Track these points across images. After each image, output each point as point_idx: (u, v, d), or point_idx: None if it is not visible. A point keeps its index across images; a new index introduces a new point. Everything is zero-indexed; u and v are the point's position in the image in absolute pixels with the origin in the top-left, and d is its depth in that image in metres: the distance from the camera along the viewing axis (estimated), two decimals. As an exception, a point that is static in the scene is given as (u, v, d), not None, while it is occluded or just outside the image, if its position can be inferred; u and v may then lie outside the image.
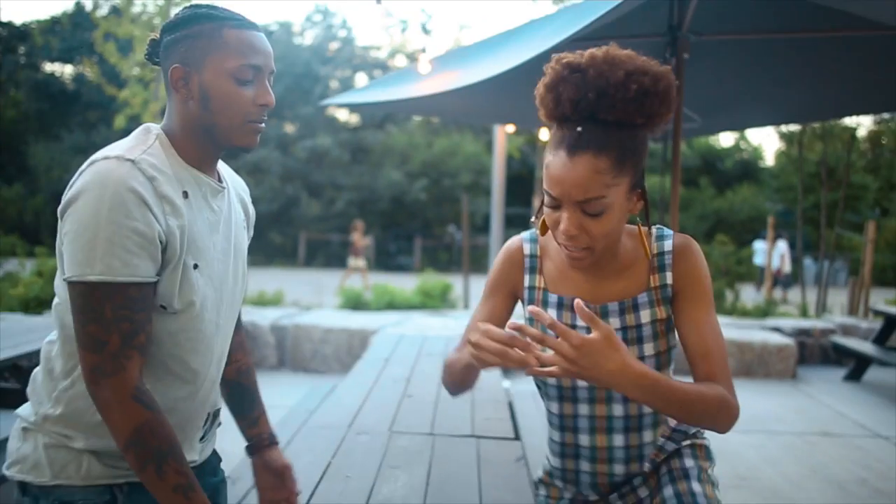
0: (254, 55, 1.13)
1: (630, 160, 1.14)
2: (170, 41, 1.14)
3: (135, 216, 1.01)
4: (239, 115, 1.13)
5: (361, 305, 7.85)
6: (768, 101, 3.81)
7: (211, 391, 1.25)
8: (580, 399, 1.32)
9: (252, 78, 1.13)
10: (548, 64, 1.17)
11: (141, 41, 9.81)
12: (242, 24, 1.13)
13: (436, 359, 3.55)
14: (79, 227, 1.01)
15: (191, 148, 1.15)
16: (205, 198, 1.16)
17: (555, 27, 2.93)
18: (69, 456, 1.10)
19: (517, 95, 4.07)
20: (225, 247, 1.20)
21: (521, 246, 1.35)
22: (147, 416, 1.04)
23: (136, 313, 1.04)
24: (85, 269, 1.00)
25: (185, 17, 1.14)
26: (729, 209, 23.91)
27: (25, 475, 1.11)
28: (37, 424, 1.11)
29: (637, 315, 1.27)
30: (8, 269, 8.00)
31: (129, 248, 1.01)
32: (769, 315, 8.18)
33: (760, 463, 4.11)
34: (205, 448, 1.30)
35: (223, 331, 1.24)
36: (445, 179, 24.59)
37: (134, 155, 1.05)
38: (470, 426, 2.44)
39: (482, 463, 2.07)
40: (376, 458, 2.05)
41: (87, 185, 1.02)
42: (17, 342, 3.64)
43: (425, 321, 6.60)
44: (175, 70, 1.12)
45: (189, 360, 1.15)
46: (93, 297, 1.01)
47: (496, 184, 5.48)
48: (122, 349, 1.03)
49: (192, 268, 1.11)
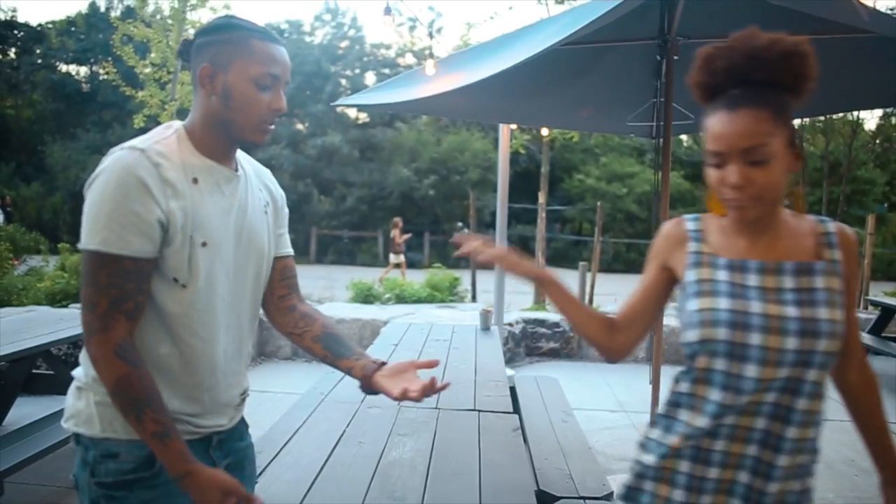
0: (274, 65, 1.29)
1: (784, 117, 1.21)
2: (202, 43, 1.29)
3: (133, 198, 1.17)
4: (254, 115, 1.29)
5: (372, 298, 8.07)
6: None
7: (231, 363, 1.37)
8: (761, 413, 1.23)
9: (270, 85, 1.29)
10: (698, 53, 1.29)
11: (157, 43, 10.07)
12: (268, 37, 1.29)
13: (442, 344, 3.77)
14: (90, 204, 1.18)
15: (208, 139, 1.30)
16: (217, 184, 1.30)
17: (554, 30, 3.11)
18: (115, 413, 1.23)
19: (519, 95, 4.26)
20: (239, 231, 1.36)
21: (682, 222, 1.40)
22: (127, 370, 1.18)
23: (127, 283, 1.19)
24: (88, 239, 1.18)
25: (220, 24, 1.30)
26: (738, 204, 23.87)
27: (79, 428, 1.28)
28: (88, 385, 1.28)
29: (812, 279, 1.25)
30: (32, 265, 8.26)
31: (125, 225, 1.17)
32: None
33: (754, 445, 4.29)
34: (234, 416, 1.44)
35: (235, 305, 1.37)
36: (454, 176, 24.77)
37: (145, 145, 1.23)
38: (472, 402, 2.65)
39: (482, 432, 2.28)
40: (386, 427, 2.26)
41: (102, 170, 1.20)
42: (50, 330, 3.88)
43: (434, 312, 6.81)
44: (204, 69, 1.27)
45: (199, 329, 1.29)
46: (92, 263, 1.18)
47: (501, 180, 5.67)
48: (110, 311, 1.18)
49: (201, 245, 1.25)
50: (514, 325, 6.60)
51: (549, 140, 10.93)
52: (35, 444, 3.08)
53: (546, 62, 3.58)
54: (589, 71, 3.99)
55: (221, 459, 1.39)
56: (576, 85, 4.20)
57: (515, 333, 6.59)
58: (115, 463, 1.25)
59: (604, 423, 4.68)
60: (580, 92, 4.30)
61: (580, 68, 3.92)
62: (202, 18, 10.55)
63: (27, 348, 3.46)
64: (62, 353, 5.08)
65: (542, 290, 1.40)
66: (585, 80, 4.12)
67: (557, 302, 1.42)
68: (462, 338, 4.01)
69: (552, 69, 3.77)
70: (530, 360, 6.65)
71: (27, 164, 25.12)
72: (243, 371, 1.45)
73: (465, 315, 6.60)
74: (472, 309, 7.36)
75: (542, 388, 4.01)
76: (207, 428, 1.35)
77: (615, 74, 4.09)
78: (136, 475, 1.25)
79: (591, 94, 4.37)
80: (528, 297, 11.06)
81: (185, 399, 1.31)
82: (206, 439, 1.36)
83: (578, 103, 4.57)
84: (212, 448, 1.37)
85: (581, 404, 4.89)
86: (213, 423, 1.36)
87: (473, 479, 1.93)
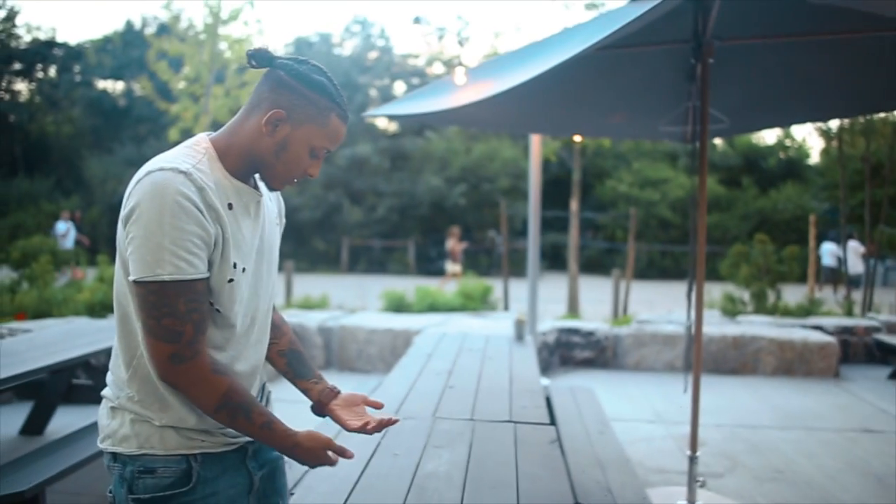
0: (334, 144, 1.33)
1: None
2: (288, 82, 1.26)
3: (192, 220, 1.16)
4: (292, 172, 1.32)
5: (404, 308, 8.07)
6: (798, 98, 3.87)
7: (257, 372, 1.40)
8: None
9: (319, 156, 1.33)
10: None
11: (190, 58, 10.26)
12: (344, 118, 1.32)
13: (475, 354, 3.73)
14: (145, 233, 1.14)
15: (240, 165, 1.29)
16: (246, 207, 1.30)
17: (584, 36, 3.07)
18: (151, 429, 1.25)
19: (549, 104, 4.23)
20: (261, 247, 1.37)
21: None
22: (228, 380, 1.23)
23: (202, 304, 1.21)
24: (157, 269, 1.14)
25: (313, 80, 1.27)
26: (773, 209, 23.43)
27: (116, 447, 1.28)
28: (121, 404, 1.29)
29: None
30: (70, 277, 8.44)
31: (191, 249, 1.16)
32: (812, 314, 8.12)
33: (797, 457, 4.17)
34: None
35: (262, 320, 1.40)
36: (484, 184, 24.74)
37: (186, 167, 1.21)
38: (508, 413, 2.61)
39: (519, 444, 2.24)
40: (421, 439, 2.24)
41: (146, 195, 1.15)
42: (88, 341, 3.95)
43: (466, 322, 6.78)
44: (277, 113, 1.25)
45: (231, 350, 1.31)
46: (166, 294, 1.15)
47: (533, 188, 5.62)
48: (196, 335, 1.19)
49: (241, 272, 1.27)
50: (547, 333, 6.53)
51: (580, 147, 10.85)
52: (74, 454, 3.12)
53: (576, 69, 3.53)
54: (620, 76, 3.94)
55: (257, 470, 1.39)
56: (607, 91, 4.15)
57: (549, 342, 6.53)
58: (153, 479, 1.25)
59: (641, 433, 4.59)
60: (612, 98, 4.25)
61: (611, 74, 3.87)
62: (233, 33, 10.72)
63: (67, 359, 3.52)
64: (101, 363, 5.16)
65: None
66: (616, 86, 4.06)
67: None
68: (496, 347, 3.97)
69: (583, 76, 3.73)
70: (564, 370, 6.57)
71: (67, 178, 25.79)
72: (258, 374, 1.46)
73: (497, 324, 6.55)
74: (505, 318, 7.31)
75: (578, 399, 3.94)
76: (240, 438, 1.35)
77: (646, 79, 4.03)
78: (173, 490, 1.25)
79: (623, 100, 4.31)
80: (562, 306, 10.97)
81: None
82: (241, 450, 1.35)
83: (610, 110, 4.51)
84: (248, 458, 1.37)
85: (617, 415, 4.81)
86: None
87: (511, 493, 1.89)
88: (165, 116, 11.13)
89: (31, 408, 4.23)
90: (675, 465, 3.97)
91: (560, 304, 11.30)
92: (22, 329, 5.16)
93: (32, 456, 3.03)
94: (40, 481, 2.72)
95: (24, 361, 3.39)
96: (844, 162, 11.33)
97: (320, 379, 1.54)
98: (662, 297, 14.46)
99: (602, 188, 24.79)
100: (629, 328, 6.79)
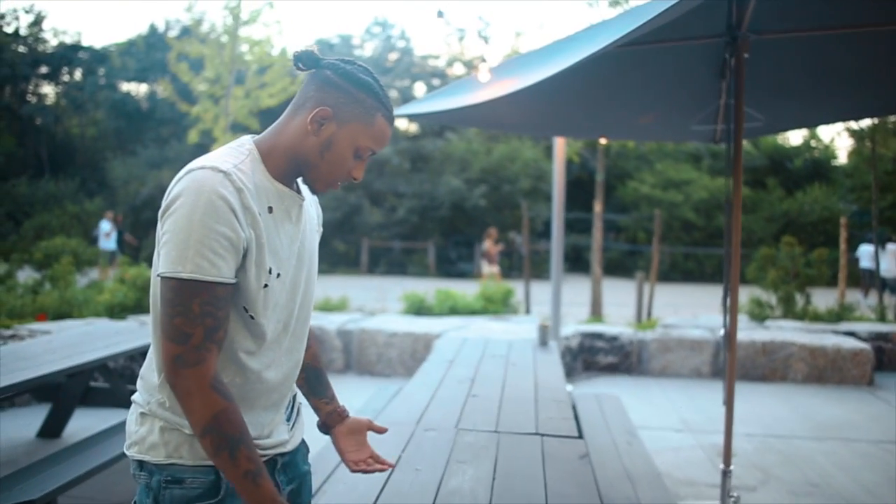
0: (379, 145, 1.28)
1: None
2: (335, 81, 1.24)
3: (223, 221, 1.12)
4: (335, 173, 1.27)
5: (424, 310, 7.97)
6: (836, 96, 3.72)
7: (289, 382, 1.35)
8: None
9: (363, 157, 1.28)
10: None
11: (211, 59, 10.27)
12: (390, 119, 1.28)
13: (498, 360, 3.62)
14: (175, 229, 1.11)
15: (284, 167, 1.25)
16: (287, 211, 1.26)
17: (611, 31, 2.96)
18: (181, 438, 1.20)
19: (574, 105, 4.11)
20: (301, 253, 1.32)
21: None
22: (224, 405, 1.13)
23: (219, 310, 1.14)
24: (178, 266, 1.10)
25: (361, 80, 1.25)
26: (799, 210, 23.02)
27: (143, 455, 1.23)
28: (151, 410, 1.24)
29: None
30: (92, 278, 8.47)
31: (217, 250, 1.11)
32: (843, 319, 7.90)
33: (833, 470, 4.00)
34: (294, 433, 1.39)
35: (298, 329, 1.34)
36: (505, 185, 24.60)
37: (227, 167, 1.17)
38: (534, 425, 2.49)
39: (547, 459, 2.13)
40: (444, 453, 2.13)
41: (183, 191, 1.13)
42: (106, 344, 3.90)
43: (487, 325, 6.66)
44: (323, 110, 1.22)
45: (264, 358, 1.26)
46: (183, 292, 1.11)
47: (556, 189, 5.49)
48: (204, 342, 1.13)
49: (276, 277, 1.22)
50: (570, 338, 6.40)
51: (604, 147, 10.68)
52: (89, 460, 3.06)
53: (602, 68, 3.41)
54: (647, 75, 3.81)
55: (286, 485, 1.36)
56: (634, 91, 4.01)
57: (572, 347, 6.39)
58: (181, 489, 1.21)
59: (668, 443, 4.45)
60: (640, 98, 4.11)
61: (638, 73, 3.73)
62: (253, 34, 10.71)
63: (84, 363, 3.48)
64: (118, 366, 5.13)
65: None
66: (644, 85, 3.93)
67: None
68: (520, 353, 3.85)
69: (608, 75, 3.60)
70: (587, 375, 6.43)
71: (91, 179, 26.10)
72: (291, 385, 1.41)
73: (519, 328, 6.43)
74: (527, 321, 7.18)
75: (604, 407, 3.81)
76: (271, 449, 1.31)
77: (675, 77, 3.89)
78: (201, 502, 1.21)
79: (652, 100, 4.17)
80: (584, 309, 10.81)
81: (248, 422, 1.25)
82: (270, 462, 1.31)
83: (639, 110, 4.38)
84: (277, 472, 1.33)
85: (643, 423, 4.67)
86: (275, 442, 1.32)
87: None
88: (187, 118, 11.18)
89: (48, 410, 4.21)
90: (705, 477, 3.83)
91: (582, 306, 11.14)
92: (42, 330, 5.15)
93: (46, 462, 2.99)
94: (52, 489, 2.67)
95: (39, 365, 3.35)
96: (876, 162, 11.04)
97: (332, 400, 1.54)
98: (686, 300, 14.23)
99: (624, 189, 24.52)
100: (654, 333, 6.63)
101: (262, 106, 10.33)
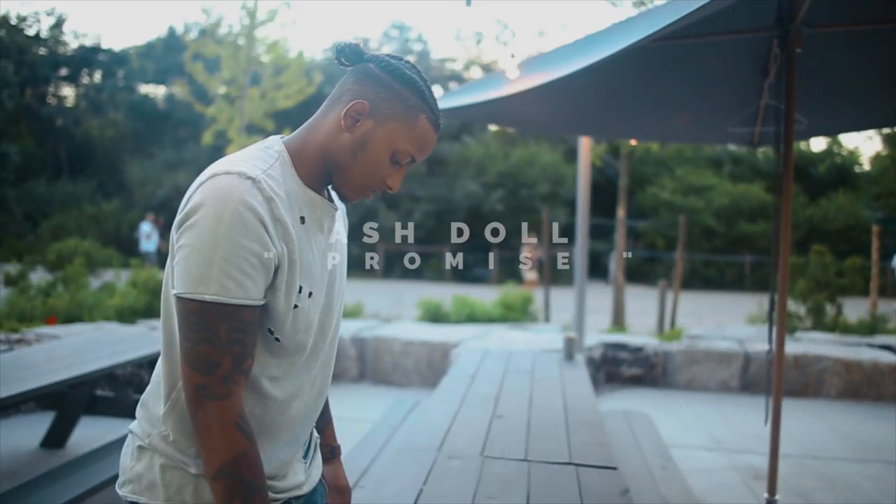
0: (421, 152, 1.12)
1: None
2: (374, 74, 1.10)
3: (252, 236, 0.97)
4: (369, 179, 1.11)
5: (441, 318, 7.76)
6: (893, 97, 3.47)
7: (311, 412, 1.20)
8: None
9: (401, 164, 1.12)
10: None
11: (227, 60, 10.19)
12: (435, 123, 1.13)
13: (523, 375, 3.41)
14: (196, 243, 0.96)
15: (315, 170, 1.11)
16: (319, 221, 1.12)
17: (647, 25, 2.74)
18: (185, 479, 1.06)
19: (604, 104, 3.89)
20: (332, 268, 1.17)
21: None
22: (246, 446, 0.99)
23: (247, 336, 1.00)
24: (200, 287, 0.96)
25: (405, 75, 1.11)
26: (823, 217, 22.58)
27: (139, 496, 1.07)
28: (151, 444, 1.08)
29: None
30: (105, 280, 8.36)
31: (245, 269, 0.97)
32: (877, 331, 7.58)
33: (879, 496, 3.74)
34: (311, 472, 1.25)
35: (325, 352, 1.19)
36: (523, 190, 24.39)
37: (255, 173, 1.01)
38: (567, 452, 2.27)
39: (584, 493, 1.91)
40: (470, 486, 1.92)
41: (206, 200, 0.97)
42: (111, 352, 3.74)
43: (507, 335, 6.44)
44: (360, 104, 1.08)
45: (288, 385, 1.11)
46: (207, 316, 0.97)
47: (581, 194, 5.27)
48: (232, 373, 0.98)
49: (307, 296, 1.07)
50: (593, 348, 6.16)
51: (627, 152, 10.41)
52: (95, 474, 2.91)
53: (634, 65, 3.19)
54: (682, 73, 3.58)
55: None
56: (668, 90, 3.79)
57: (595, 358, 6.15)
58: None
59: (700, 463, 4.20)
60: (673, 97, 3.89)
61: (672, 70, 3.51)
62: (270, 35, 10.63)
63: (86, 373, 3.32)
64: (124, 374, 4.97)
65: None
66: (679, 83, 3.71)
67: None
68: (545, 368, 3.63)
69: (641, 73, 3.38)
70: (611, 387, 6.18)
71: (108, 181, 26.23)
72: (315, 418, 1.25)
73: (540, 338, 6.20)
74: (548, 330, 6.95)
75: (634, 427, 3.58)
76: (285, 492, 1.16)
77: (712, 75, 3.66)
78: None
79: (685, 100, 3.95)
80: (604, 316, 10.55)
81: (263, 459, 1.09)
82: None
83: (671, 111, 4.15)
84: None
85: (672, 440, 4.42)
86: (291, 484, 1.18)
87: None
88: (204, 120, 11.10)
89: (52, 419, 4.06)
90: (742, 502, 3.58)
91: (602, 314, 10.87)
92: (49, 335, 5.01)
93: (49, 477, 2.85)
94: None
95: (40, 375, 3.20)
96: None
97: (326, 427, 1.40)
98: (708, 308, 13.92)
99: (643, 195, 24.19)
100: (680, 344, 6.37)
101: (277, 107, 10.23)
